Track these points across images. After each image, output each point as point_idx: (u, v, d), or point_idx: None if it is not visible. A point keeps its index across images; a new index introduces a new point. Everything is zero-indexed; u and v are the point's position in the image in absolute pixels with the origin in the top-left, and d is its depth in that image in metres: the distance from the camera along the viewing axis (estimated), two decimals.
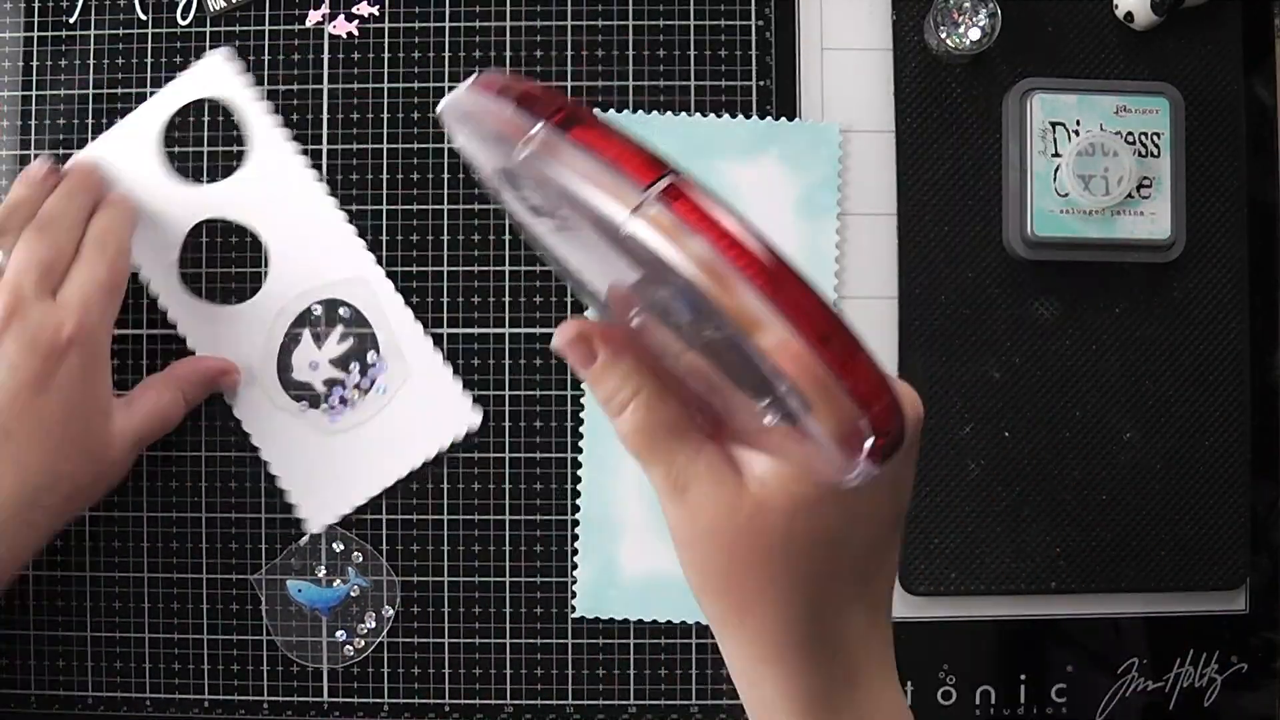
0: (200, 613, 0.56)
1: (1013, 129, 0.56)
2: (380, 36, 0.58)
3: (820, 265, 0.56)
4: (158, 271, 0.57)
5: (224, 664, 0.56)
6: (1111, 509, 0.56)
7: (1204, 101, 0.57)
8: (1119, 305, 0.57)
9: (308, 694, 0.56)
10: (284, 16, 0.57)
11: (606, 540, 0.56)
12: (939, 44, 0.55)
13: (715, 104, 0.57)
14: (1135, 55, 0.57)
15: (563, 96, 0.30)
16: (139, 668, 0.56)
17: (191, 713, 0.56)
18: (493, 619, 0.57)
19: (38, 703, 0.56)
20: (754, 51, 0.58)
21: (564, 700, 0.56)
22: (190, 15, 0.57)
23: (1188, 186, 0.56)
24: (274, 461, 0.56)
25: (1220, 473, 0.57)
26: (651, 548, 0.56)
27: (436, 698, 0.56)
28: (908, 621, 0.57)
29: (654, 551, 0.56)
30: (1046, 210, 0.55)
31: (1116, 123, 0.55)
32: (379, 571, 0.57)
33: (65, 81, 0.57)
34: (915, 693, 0.56)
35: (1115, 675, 0.57)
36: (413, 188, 0.57)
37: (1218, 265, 0.57)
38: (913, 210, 0.57)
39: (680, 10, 0.58)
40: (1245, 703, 0.57)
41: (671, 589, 0.56)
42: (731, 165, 0.57)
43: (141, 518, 0.57)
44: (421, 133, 0.57)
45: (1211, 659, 0.57)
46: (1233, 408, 0.57)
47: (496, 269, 0.57)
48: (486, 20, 0.58)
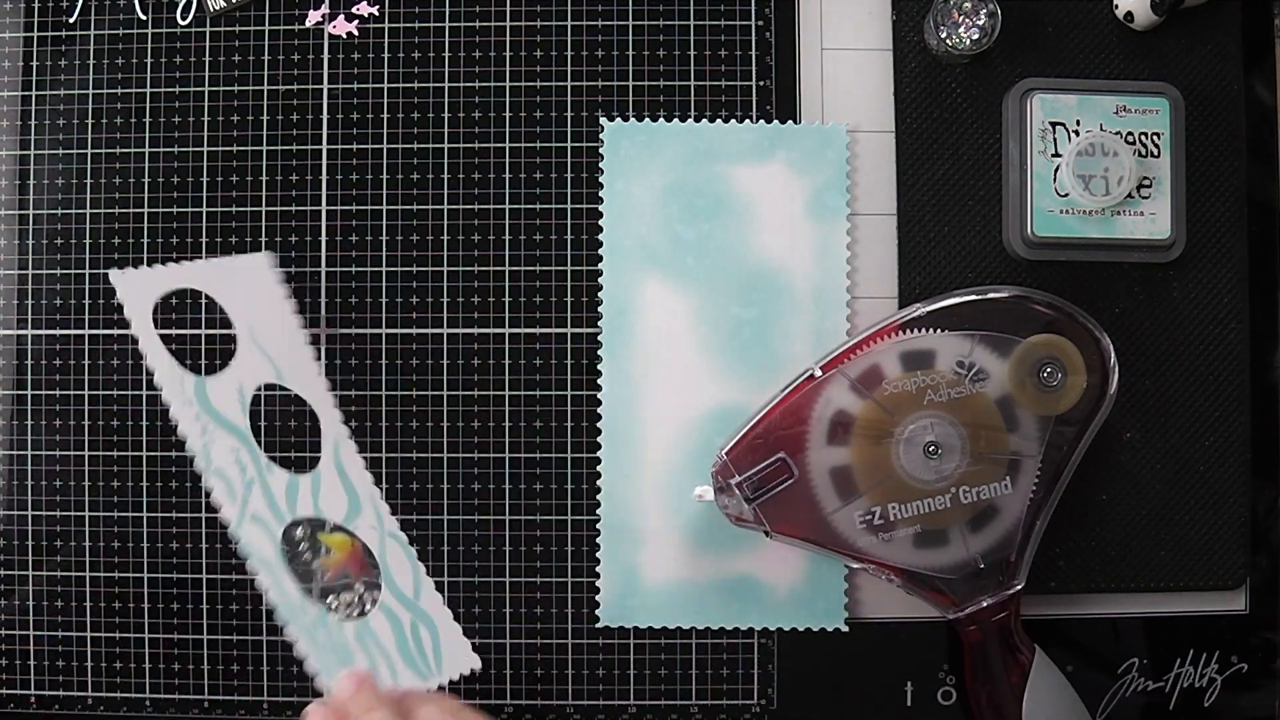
0: (200, 613, 0.56)
1: (1013, 129, 0.56)
2: (380, 36, 0.58)
3: (831, 267, 0.56)
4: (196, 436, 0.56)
5: (224, 664, 0.56)
6: (1111, 509, 0.56)
7: (1204, 101, 0.57)
8: (1119, 305, 0.57)
9: (308, 694, 0.56)
10: (284, 16, 0.58)
11: (628, 548, 0.56)
12: (939, 44, 0.56)
13: (715, 104, 0.57)
14: (1135, 55, 0.57)
15: None
16: (139, 668, 0.56)
17: (191, 713, 0.56)
18: (493, 619, 0.57)
19: (38, 703, 0.56)
20: (754, 52, 0.58)
21: (564, 700, 0.56)
22: (190, 15, 0.58)
23: (1188, 186, 0.56)
24: (292, 625, 0.56)
25: (1220, 473, 0.57)
26: (673, 555, 0.56)
27: None
28: (908, 621, 0.57)
29: (676, 559, 0.56)
30: (1046, 210, 0.55)
31: (1116, 123, 0.55)
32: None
33: (65, 81, 0.57)
34: (915, 693, 0.56)
35: (1115, 675, 0.57)
36: (413, 188, 0.57)
37: (1218, 265, 0.57)
38: (913, 210, 0.57)
39: (680, 10, 0.58)
40: (1245, 703, 0.57)
41: (694, 595, 0.56)
42: (739, 169, 0.57)
43: (141, 518, 0.57)
44: (421, 133, 0.57)
45: (1211, 659, 0.57)
46: (1233, 408, 0.57)
47: (496, 269, 0.57)
48: (486, 20, 0.58)
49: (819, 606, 0.56)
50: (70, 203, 0.57)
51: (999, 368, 0.52)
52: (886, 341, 0.52)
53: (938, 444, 0.52)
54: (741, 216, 0.57)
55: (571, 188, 0.57)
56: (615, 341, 0.56)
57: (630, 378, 0.56)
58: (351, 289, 0.57)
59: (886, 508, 0.52)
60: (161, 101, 0.57)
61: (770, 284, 0.56)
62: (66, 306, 0.57)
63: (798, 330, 0.56)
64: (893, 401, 0.52)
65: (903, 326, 0.53)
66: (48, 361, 0.57)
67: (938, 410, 0.52)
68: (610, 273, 0.57)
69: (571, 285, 0.57)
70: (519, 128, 0.57)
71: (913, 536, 0.52)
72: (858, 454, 0.52)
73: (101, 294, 0.57)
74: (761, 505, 0.52)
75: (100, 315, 0.57)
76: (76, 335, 0.57)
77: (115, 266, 0.57)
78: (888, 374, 0.52)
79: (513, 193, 0.57)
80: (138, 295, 0.56)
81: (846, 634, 0.56)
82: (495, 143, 0.57)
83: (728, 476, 0.52)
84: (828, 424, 0.52)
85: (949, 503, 0.52)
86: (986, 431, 0.52)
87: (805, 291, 0.56)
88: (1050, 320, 0.52)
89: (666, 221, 0.57)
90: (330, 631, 0.55)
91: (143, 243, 0.57)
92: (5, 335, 0.57)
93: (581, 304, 0.57)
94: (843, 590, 0.56)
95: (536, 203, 0.57)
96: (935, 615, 0.55)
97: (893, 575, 0.53)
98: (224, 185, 0.57)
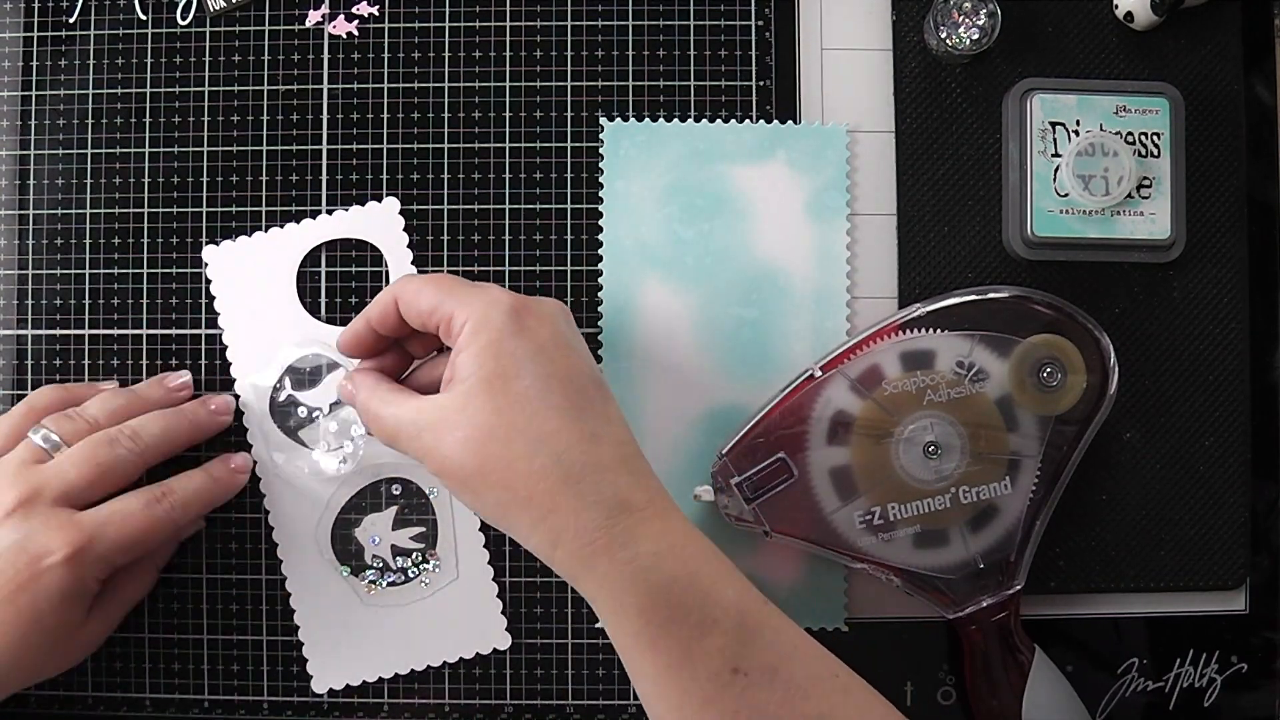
0: (200, 613, 0.56)
1: (1013, 129, 0.56)
2: (380, 36, 0.58)
3: (831, 267, 0.56)
4: (252, 397, 0.56)
5: (224, 664, 0.56)
6: (1111, 509, 0.56)
7: (1204, 101, 0.57)
8: (1119, 305, 0.57)
9: (308, 694, 0.56)
10: (284, 16, 0.58)
11: None
12: (939, 44, 0.56)
13: (715, 104, 0.57)
14: (1135, 55, 0.57)
15: None
16: (139, 668, 0.56)
17: (191, 713, 0.56)
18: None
19: (38, 703, 0.56)
20: (754, 52, 0.58)
21: (564, 700, 0.56)
22: (190, 15, 0.58)
23: (1188, 186, 0.56)
24: (300, 610, 0.56)
25: (1220, 473, 0.57)
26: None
27: (436, 697, 0.56)
28: (908, 621, 0.57)
29: None
30: (1046, 210, 0.55)
31: (1116, 123, 0.55)
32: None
33: (65, 81, 0.57)
34: (915, 692, 0.56)
35: (1115, 675, 0.57)
36: (413, 188, 0.57)
37: (1218, 265, 0.57)
38: (913, 210, 0.57)
39: (680, 10, 0.58)
40: (1245, 703, 0.57)
41: None
42: (739, 169, 0.57)
43: None
44: (421, 133, 0.57)
45: (1211, 659, 0.57)
46: (1233, 408, 0.57)
47: (497, 269, 0.57)
48: (486, 20, 0.58)
49: (819, 606, 0.56)
50: (70, 203, 0.57)
51: (999, 368, 0.52)
52: (886, 341, 0.52)
53: (938, 444, 0.52)
54: (741, 216, 0.57)
55: (571, 188, 0.57)
56: (615, 341, 0.56)
57: (630, 378, 0.56)
58: (351, 289, 0.57)
59: (886, 508, 0.52)
60: (161, 101, 0.57)
61: (770, 284, 0.56)
62: (66, 306, 0.57)
63: (798, 330, 0.56)
64: (893, 401, 0.52)
65: (903, 326, 0.53)
66: (48, 361, 0.57)
67: (938, 410, 0.52)
68: (610, 273, 0.57)
69: (571, 285, 0.57)
70: (519, 128, 0.57)
71: (913, 536, 0.52)
72: (857, 454, 0.52)
73: (101, 294, 0.57)
74: (761, 505, 0.52)
75: (100, 315, 0.57)
76: (76, 335, 0.57)
77: (117, 266, 0.57)
78: (888, 374, 0.52)
79: (513, 193, 0.57)
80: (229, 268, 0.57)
81: (846, 634, 0.56)
82: (495, 143, 0.57)
83: (727, 476, 0.52)
84: (827, 424, 0.52)
85: (949, 503, 0.52)
86: (986, 431, 0.52)
87: (805, 291, 0.56)
88: (1050, 320, 0.52)
89: (666, 221, 0.57)
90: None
91: (143, 243, 0.57)
92: (5, 335, 0.57)
93: (581, 304, 0.57)
94: (843, 590, 0.56)
95: (536, 203, 0.57)
96: (935, 615, 0.55)
97: (893, 575, 0.53)
98: (224, 185, 0.57)
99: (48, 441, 0.50)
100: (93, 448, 0.50)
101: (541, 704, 0.56)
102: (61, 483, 0.49)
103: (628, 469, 0.45)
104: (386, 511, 0.56)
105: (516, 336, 0.45)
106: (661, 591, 0.43)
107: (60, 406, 0.53)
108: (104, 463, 0.50)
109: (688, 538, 0.45)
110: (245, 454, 0.55)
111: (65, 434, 0.51)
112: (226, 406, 0.55)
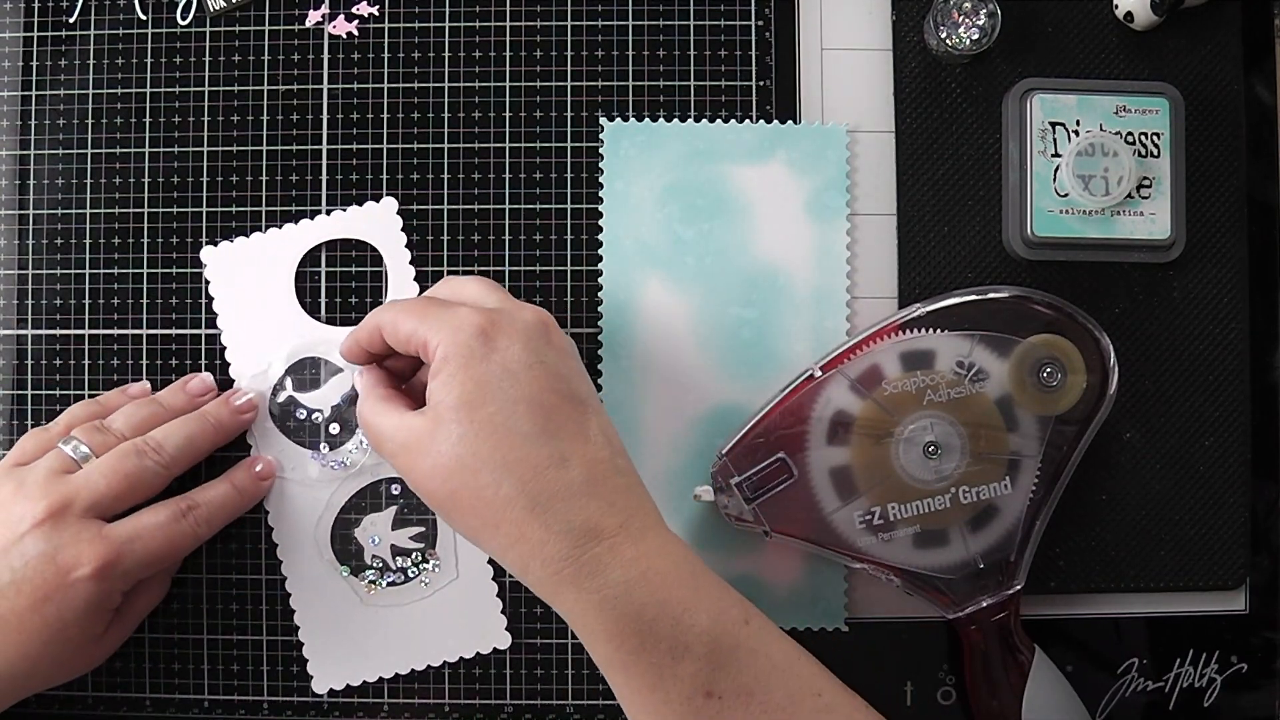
0: (200, 613, 0.56)
1: (1013, 129, 0.56)
2: (380, 36, 0.58)
3: (831, 267, 0.56)
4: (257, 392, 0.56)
5: (224, 664, 0.56)
6: (1111, 509, 0.56)
7: (1204, 101, 0.57)
8: (1119, 305, 0.57)
9: (308, 694, 0.56)
10: (284, 16, 0.58)
11: None
12: (939, 44, 0.56)
13: (715, 104, 0.57)
14: (1135, 55, 0.57)
15: None
16: (139, 668, 0.56)
17: (191, 713, 0.56)
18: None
19: (38, 702, 0.56)
20: (754, 52, 0.58)
21: (564, 700, 0.56)
22: (190, 15, 0.58)
23: (1188, 186, 0.56)
24: (300, 610, 0.56)
25: (1220, 473, 0.57)
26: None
27: (436, 697, 0.56)
28: (908, 621, 0.57)
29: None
30: (1046, 210, 0.55)
31: (1116, 123, 0.55)
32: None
33: (65, 81, 0.57)
34: (915, 693, 0.56)
35: (1115, 675, 0.57)
36: (413, 188, 0.57)
37: (1218, 265, 0.57)
38: (913, 210, 0.57)
39: (680, 10, 0.58)
40: (1245, 703, 0.57)
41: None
42: (739, 169, 0.57)
43: None
44: (421, 133, 0.57)
45: (1211, 659, 0.57)
46: (1233, 408, 0.57)
47: (497, 269, 0.57)
48: (486, 20, 0.58)
49: (819, 606, 0.56)
50: (70, 203, 0.57)
51: (999, 368, 0.52)
52: (886, 341, 0.52)
53: (938, 444, 0.52)
54: (741, 216, 0.57)
55: (571, 188, 0.57)
56: (615, 341, 0.56)
57: (630, 378, 0.56)
58: (351, 289, 0.57)
59: (886, 508, 0.52)
60: (161, 101, 0.57)
61: (770, 284, 0.56)
62: (66, 306, 0.57)
63: (798, 330, 0.56)
64: (892, 401, 0.52)
65: (903, 326, 0.53)
66: (48, 361, 0.57)
67: (938, 410, 0.52)
68: (610, 273, 0.57)
69: (571, 285, 0.57)
70: (519, 128, 0.57)
71: (912, 536, 0.52)
72: (857, 454, 0.52)
73: (101, 294, 0.57)
74: (761, 505, 0.52)
75: (100, 315, 0.57)
76: (76, 335, 0.57)
77: (116, 266, 0.57)
78: (887, 374, 0.52)
79: (513, 193, 0.57)
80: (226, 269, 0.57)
81: (846, 634, 0.56)
82: (495, 143, 0.57)
83: (727, 476, 0.52)
84: (827, 424, 0.52)
85: (949, 503, 0.52)
86: (986, 431, 0.52)
87: (805, 291, 0.57)
88: (1050, 320, 0.52)
89: (666, 221, 0.57)
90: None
91: (143, 243, 0.57)
92: (5, 335, 0.57)
93: (581, 304, 0.57)
94: (843, 590, 0.56)
95: (536, 203, 0.57)
96: (935, 615, 0.55)
97: (893, 575, 0.53)
98: (224, 185, 0.57)
99: (77, 453, 0.51)
100: (120, 459, 0.51)
101: (541, 704, 0.56)
102: (91, 494, 0.49)
103: (599, 492, 0.44)
104: (386, 511, 0.56)
105: (484, 360, 0.45)
106: (630, 620, 0.43)
107: (92, 419, 0.53)
108: (132, 474, 0.50)
109: (664, 560, 0.44)
110: (269, 458, 0.56)
111: (95, 445, 0.51)
112: (250, 404, 0.55)
